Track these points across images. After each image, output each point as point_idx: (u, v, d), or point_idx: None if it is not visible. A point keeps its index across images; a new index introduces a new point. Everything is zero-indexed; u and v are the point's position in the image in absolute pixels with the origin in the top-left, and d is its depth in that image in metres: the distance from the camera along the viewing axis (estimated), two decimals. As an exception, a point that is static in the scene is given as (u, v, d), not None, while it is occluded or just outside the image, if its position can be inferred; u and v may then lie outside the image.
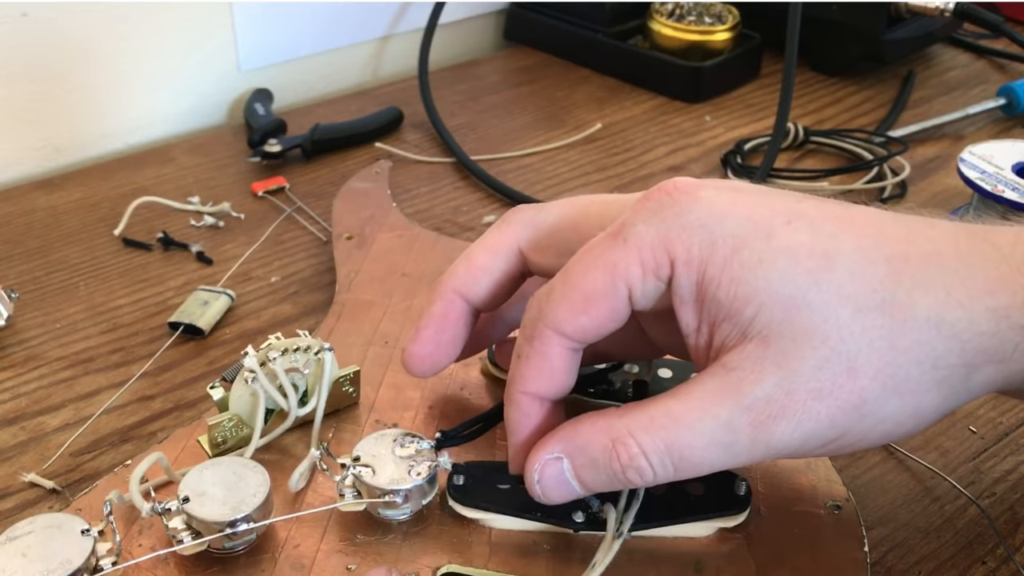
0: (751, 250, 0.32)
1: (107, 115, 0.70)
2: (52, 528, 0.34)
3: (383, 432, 0.39)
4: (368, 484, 0.37)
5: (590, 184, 0.67)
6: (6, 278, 0.56)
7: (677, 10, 0.80)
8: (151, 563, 0.37)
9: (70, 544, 0.34)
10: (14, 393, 0.48)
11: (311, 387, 0.42)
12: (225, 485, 0.36)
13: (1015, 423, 0.47)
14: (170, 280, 0.56)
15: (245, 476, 0.37)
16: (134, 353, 0.51)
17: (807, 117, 0.76)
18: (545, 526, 0.38)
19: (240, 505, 0.36)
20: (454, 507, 0.38)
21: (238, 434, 0.42)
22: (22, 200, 0.64)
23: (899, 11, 0.78)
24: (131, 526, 0.38)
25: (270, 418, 0.42)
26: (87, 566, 0.34)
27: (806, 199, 0.34)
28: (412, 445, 0.39)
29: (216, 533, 0.35)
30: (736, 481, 0.38)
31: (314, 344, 0.42)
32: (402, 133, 0.73)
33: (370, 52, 0.83)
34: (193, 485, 0.36)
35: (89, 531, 0.34)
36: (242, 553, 0.37)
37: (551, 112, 0.77)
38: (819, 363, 0.31)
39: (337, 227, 0.58)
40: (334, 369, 0.43)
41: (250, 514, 0.36)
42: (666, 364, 0.45)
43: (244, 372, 0.40)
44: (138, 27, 0.69)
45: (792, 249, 0.32)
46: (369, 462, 0.38)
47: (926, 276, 0.32)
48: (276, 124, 0.70)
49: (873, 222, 0.33)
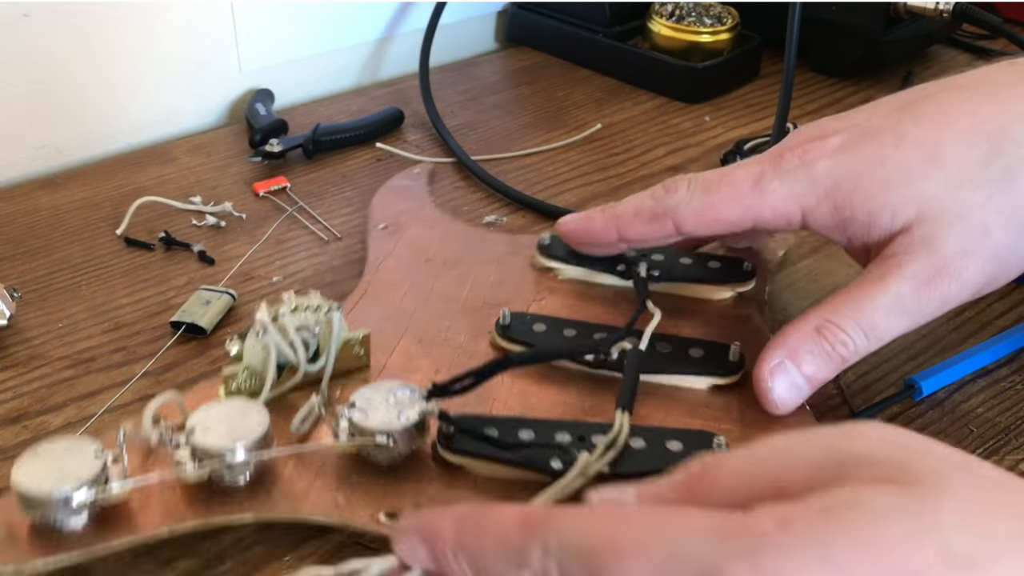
0: (870, 178, 0.41)
1: (109, 115, 0.71)
2: (71, 448, 0.38)
3: (381, 382, 0.42)
4: (360, 426, 0.40)
5: (590, 184, 0.67)
6: (8, 277, 0.56)
7: (677, 11, 0.81)
8: (157, 489, 0.39)
9: (83, 462, 0.37)
10: (16, 392, 0.48)
11: (322, 346, 0.45)
12: (229, 421, 0.39)
13: (1013, 422, 0.48)
14: (172, 280, 0.56)
15: (248, 414, 0.40)
16: (136, 352, 0.51)
17: (806, 118, 0.76)
18: (526, 473, 0.40)
19: (240, 437, 0.39)
20: (442, 454, 0.41)
21: (252, 386, 0.44)
22: (24, 200, 0.64)
23: (898, 12, 0.78)
24: (146, 459, 0.41)
25: (282, 374, 0.44)
26: (96, 480, 0.37)
27: (903, 118, 0.42)
28: (405, 394, 0.41)
29: (216, 461, 0.38)
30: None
31: (324, 304, 0.45)
32: (402, 133, 0.73)
33: (371, 52, 0.83)
34: (200, 419, 0.39)
35: (102, 453, 0.38)
36: (242, 486, 0.40)
37: (551, 112, 0.77)
38: (959, 233, 0.40)
39: (373, 218, 0.60)
40: (344, 330, 0.45)
41: (248, 446, 0.38)
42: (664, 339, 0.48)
43: (256, 326, 0.43)
44: (139, 27, 0.69)
45: (905, 166, 0.41)
46: (364, 407, 0.40)
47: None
48: (277, 124, 0.70)
49: (968, 111, 0.41)
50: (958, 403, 0.49)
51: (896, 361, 0.51)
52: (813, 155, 0.42)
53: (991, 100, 0.42)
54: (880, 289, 0.41)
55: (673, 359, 0.46)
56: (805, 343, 0.42)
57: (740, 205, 0.43)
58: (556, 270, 0.54)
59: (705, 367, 0.46)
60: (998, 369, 0.51)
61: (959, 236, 0.40)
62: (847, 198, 0.41)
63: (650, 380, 0.46)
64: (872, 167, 0.41)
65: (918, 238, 0.40)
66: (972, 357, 0.50)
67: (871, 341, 0.41)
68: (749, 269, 0.53)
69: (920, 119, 0.42)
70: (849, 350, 0.41)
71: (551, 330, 0.48)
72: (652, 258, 0.53)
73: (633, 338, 0.46)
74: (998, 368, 0.51)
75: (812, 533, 0.21)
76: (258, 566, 0.40)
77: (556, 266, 0.54)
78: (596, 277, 0.53)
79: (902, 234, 0.41)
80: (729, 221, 0.44)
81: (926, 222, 0.40)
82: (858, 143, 0.42)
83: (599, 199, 0.65)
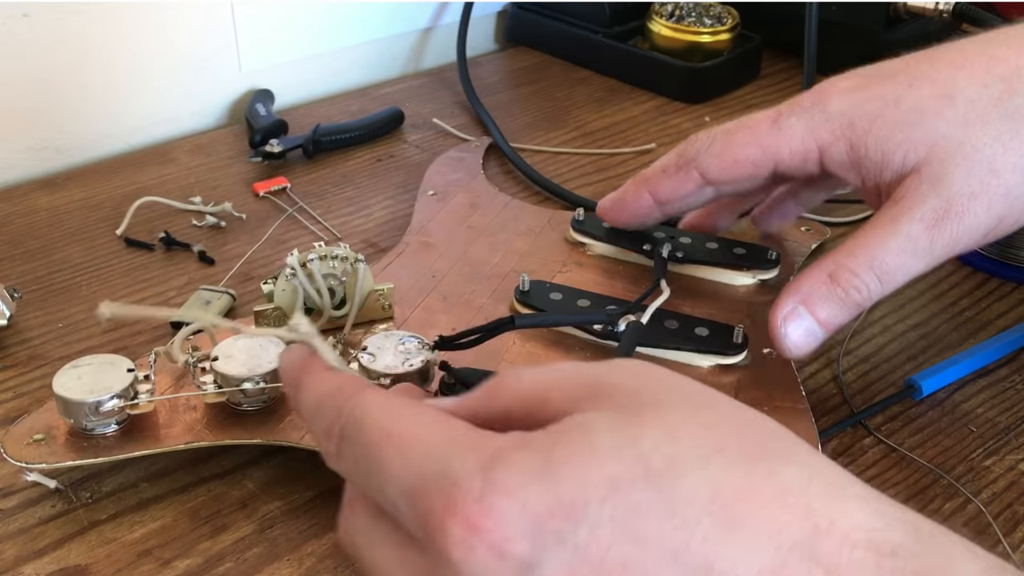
0: (884, 118, 0.41)
1: (108, 115, 0.71)
2: (106, 364, 0.42)
3: (393, 332, 0.44)
4: (367, 368, 0.42)
5: (590, 184, 0.67)
6: (8, 278, 0.56)
7: (677, 11, 0.81)
8: (182, 408, 0.43)
9: (116, 377, 0.42)
10: (16, 392, 0.48)
11: (349, 295, 0.48)
12: (250, 352, 0.43)
13: (1014, 422, 0.48)
14: (172, 280, 0.56)
15: (268, 348, 0.43)
16: (136, 353, 0.51)
17: (807, 117, 0.76)
18: None
19: (256, 368, 0.42)
20: None
21: (281, 324, 0.47)
22: (24, 200, 0.64)
23: (898, 12, 0.78)
24: (176, 381, 0.44)
25: (309, 316, 0.47)
26: (125, 394, 0.41)
27: (920, 59, 0.42)
28: (413, 343, 0.43)
29: (233, 387, 0.42)
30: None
31: (351, 255, 0.48)
32: (403, 133, 0.73)
33: (371, 52, 0.83)
34: (224, 349, 0.43)
35: (133, 371, 0.42)
36: (255, 411, 0.43)
37: (551, 112, 0.77)
38: (965, 173, 0.39)
39: (424, 185, 0.63)
40: (369, 281, 0.48)
41: (263, 375, 0.42)
42: (673, 316, 0.49)
43: (286, 269, 0.47)
44: (139, 28, 0.69)
45: (918, 106, 0.41)
46: (374, 352, 0.43)
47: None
48: (277, 124, 0.70)
49: (983, 51, 0.41)
50: (958, 403, 0.49)
51: (896, 361, 0.51)
52: (829, 94, 0.43)
53: (1007, 46, 0.42)
54: (891, 231, 0.40)
55: (677, 335, 0.47)
56: (819, 288, 0.41)
57: (758, 145, 0.44)
58: (587, 245, 0.56)
59: (708, 346, 0.47)
60: (998, 369, 0.51)
61: (965, 176, 0.40)
62: (861, 137, 0.42)
63: (652, 354, 0.47)
64: (886, 106, 0.41)
65: (927, 178, 0.40)
66: (972, 357, 0.50)
67: (884, 285, 0.41)
68: (773, 257, 0.53)
69: (936, 60, 0.42)
70: (863, 295, 0.41)
71: (566, 299, 0.50)
72: (679, 240, 0.54)
73: (641, 312, 0.47)
74: (998, 368, 0.51)
75: (539, 449, 0.24)
76: (258, 566, 0.40)
77: (587, 241, 0.56)
78: (623, 255, 0.55)
79: (913, 175, 0.41)
80: (749, 161, 0.44)
81: (935, 162, 0.40)
82: (873, 82, 0.42)
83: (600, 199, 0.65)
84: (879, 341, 0.53)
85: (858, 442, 0.46)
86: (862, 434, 0.47)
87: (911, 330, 0.54)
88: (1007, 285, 0.57)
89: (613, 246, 0.55)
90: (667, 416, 0.25)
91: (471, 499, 0.24)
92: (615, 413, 0.25)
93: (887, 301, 0.56)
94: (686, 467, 0.24)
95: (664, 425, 0.25)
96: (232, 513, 0.42)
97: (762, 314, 0.50)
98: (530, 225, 0.58)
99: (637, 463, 0.24)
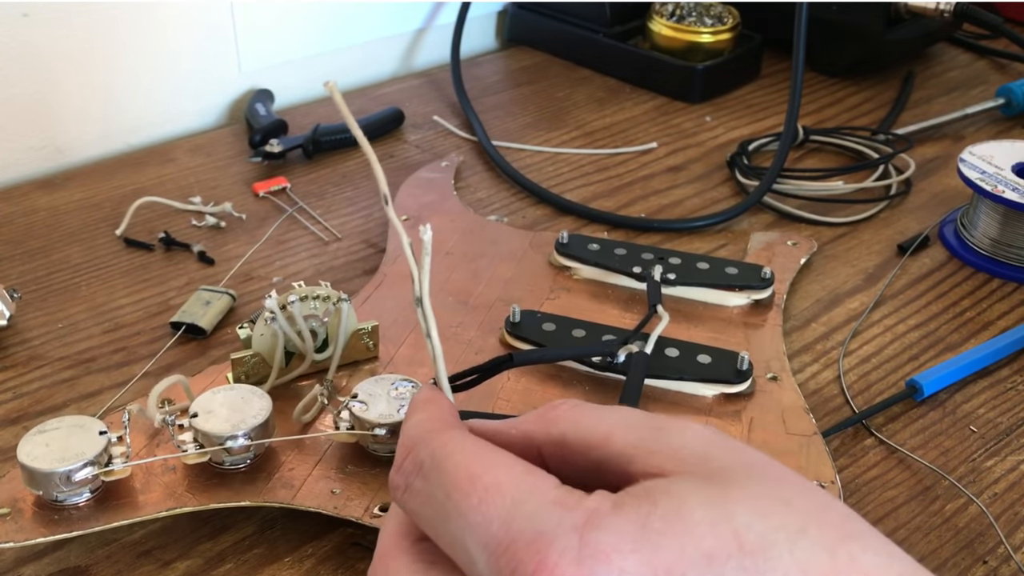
0: None
1: (108, 115, 0.70)
2: (76, 427, 0.39)
3: (384, 376, 0.42)
4: (360, 418, 0.40)
5: (590, 184, 0.67)
6: (8, 278, 0.56)
7: (677, 11, 0.81)
8: (160, 471, 0.40)
9: (88, 441, 0.38)
10: (16, 393, 0.48)
11: (331, 336, 0.45)
12: (232, 406, 0.40)
13: (1015, 423, 0.48)
14: (172, 280, 0.56)
15: (251, 401, 0.40)
16: (136, 353, 0.51)
17: (808, 117, 0.76)
18: None
19: (240, 423, 0.39)
20: None
21: (260, 372, 0.44)
22: (23, 200, 0.64)
23: (899, 11, 0.78)
24: (151, 441, 0.41)
25: (290, 361, 0.45)
26: (98, 460, 0.38)
27: None
28: (407, 388, 0.41)
29: (216, 446, 0.39)
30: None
31: (332, 294, 0.45)
32: (402, 133, 0.73)
33: (371, 52, 0.83)
34: (204, 404, 0.40)
35: (106, 433, 0.39)
36: (241, 470, 0.40)
37: (551, 112, 0.77)
38: None
39: (396, 210, 0.59)
40: (352, 320, 0.46)
41: (248, 432, 0.39)
42: (673, 343, 0.48)
43: (265, 312, 0.44)
44: (139, 28, 0.69)
45: None
46: (365, 399, 0.41)
47: None
48: (277, 124, 0.70)
49: None
50: (959, 403, 0.49)
51: (898, 361, 0.51)
52: None
53: None
54: None
55: (679, 364, 0.46)
56: None
57: None
58: (573, 269, 0.54)
59: (712, 374, 0.46)
60: (999, 369, 0.51)
61: None
62: None
63: (656, 385, 0.46)
64: None
65: None
66: (974, 357, 0.50)
67: None
68: (767, 276, 0.52)
69: None
70: None
71: (560, 330, 0.48)
72: (669, 261, 0.53)
73: (641, 341, 0.46)
74: (999, 368, 0.51)
75: (635, 516, 0.24)
76: (258, 567, 0.40)
77: (573, 265, 0.54)
78: (612, 278, 0.53)
79: None
80: None
81: None
82: None
83: (599, 199, 0.65)
84: (880, 342, 0.53)
85: (859, 443, 0.46)
86: (863, 435, 0.47)
87: (912, 330, 0.54)
88: (1008, 285, 0.57)
89: (601, 269, 0.53)
90: (750, 490, 0.25)
91: (567, 560, 0.23)
92: (704, 484, 0.25)
93: (888, 302, 0.56)
94: (777, 547, 0.24)
95: (751, 501, 0.24)
96: (232, 514, 0.42)
97: (757, 336, 0.50)
98: (511, 249, 0.56)
99: (732, 540, 0.23)
